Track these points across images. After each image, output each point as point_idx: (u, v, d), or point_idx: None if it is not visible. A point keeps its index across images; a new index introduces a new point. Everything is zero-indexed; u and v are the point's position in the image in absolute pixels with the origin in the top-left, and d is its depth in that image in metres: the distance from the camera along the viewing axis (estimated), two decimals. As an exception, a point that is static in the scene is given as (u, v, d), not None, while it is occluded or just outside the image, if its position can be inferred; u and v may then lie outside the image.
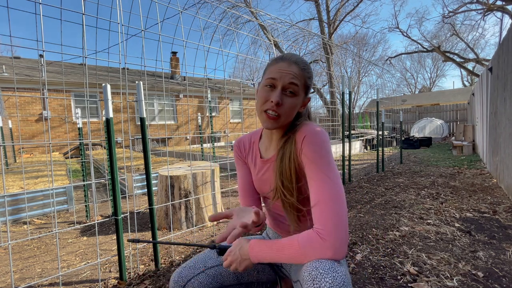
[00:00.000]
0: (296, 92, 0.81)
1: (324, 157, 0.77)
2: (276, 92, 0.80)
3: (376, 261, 1.69)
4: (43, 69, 7.49)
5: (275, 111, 0.80)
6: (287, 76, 0.80)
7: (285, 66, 0.81)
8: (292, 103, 0.81)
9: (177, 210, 2.43)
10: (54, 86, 9.73)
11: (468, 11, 13.35)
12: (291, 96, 0.81)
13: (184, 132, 12.22)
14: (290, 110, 0.82)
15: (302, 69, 0.82)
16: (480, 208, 2.61)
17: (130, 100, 1.86)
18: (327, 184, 0.74)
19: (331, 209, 0.71)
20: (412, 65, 32.25)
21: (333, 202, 0.72)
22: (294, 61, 0.82)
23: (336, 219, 0.70)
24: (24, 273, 1.82)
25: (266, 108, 0.81)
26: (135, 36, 2.35)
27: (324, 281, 0.62)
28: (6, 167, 5.86)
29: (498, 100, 3.50)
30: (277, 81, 0.81)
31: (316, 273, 0.64)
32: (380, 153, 4.93)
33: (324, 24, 14.05)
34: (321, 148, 0.78)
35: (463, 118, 12.03)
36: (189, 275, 0.90)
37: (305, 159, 0.79)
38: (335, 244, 0.68)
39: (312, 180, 0.77)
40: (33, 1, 1.44)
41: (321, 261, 0.67)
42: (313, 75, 0.89)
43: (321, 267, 0.65)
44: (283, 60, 0.83)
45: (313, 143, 0.78)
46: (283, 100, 0.80)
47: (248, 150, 1.03)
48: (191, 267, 0.92)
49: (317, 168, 0.76)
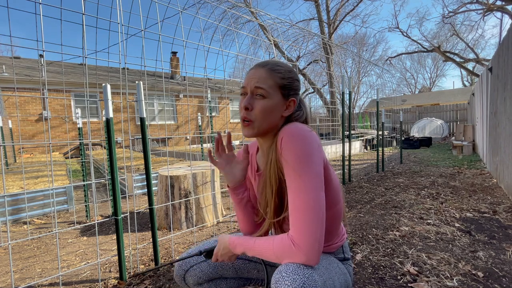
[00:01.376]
0: (265, 94, 0.79)
1: (302, 161, 0.70)
2: (245, 98, 0.81)
3: (376, 261, 1.69)
4: (43, 69, 7.50)
5: (246, 117, 0.80)
6: (253, 81, 0.80)
7: (252, 73, 0.82)
8: (263, 106, 0.79)
9: (177, 210, 2.43)
10: (54, 86, 9.73)
11: (468, 11, 13.35)
12: (261, 99, 0.80)
13: (184, 132, 12.23)
14: (262, 113, 0.79)
15: (271, 70, 0.81)
16: (480, 208, 2.61)
17: (130, 100, 1.86)
18: (302, 191, 0.70)
19: (304, 218, 0.69)
20: (412, 65, 32.28)
21: (306, 211, 0.69)
22: (262, 65, 0.83)
23: (308, 227, 0.68)
24: (24, 273, 1.82)
25: (241, 116, 0.82)
26: (135, 36, 2.35)
27: (284, 283, 0.63)
28: (6, 167, 5.86)
29: (498, 100, 3.50)
30: (246, 88, 0.82)
31: (279, 276, 0.66)
32: (380, 153, 4.93)
33: (324, 24, 14.06)
34: (299, 150, 0.71)
35: (463, 118, 12.03)
36: (192, 261, 0.95)
37: (284, 162, 0.74)
38: (307, 252, 0.67)
39: (288, 186, 0.73)
40: (33, 1, 1.44)
41: (288, 265, 0.67)
42: (291, 75, 0.84)
43: (284, 270, 0.66)
44: (252, 68, 0.85)
45: (291, 144, 0.72)
46: (253, 104, 0.80)
47: (250, 160, 1.01)
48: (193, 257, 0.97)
49: (294, 173, 0.71)
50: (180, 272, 0.95)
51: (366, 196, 3.25)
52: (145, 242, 2.21)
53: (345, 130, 3.96)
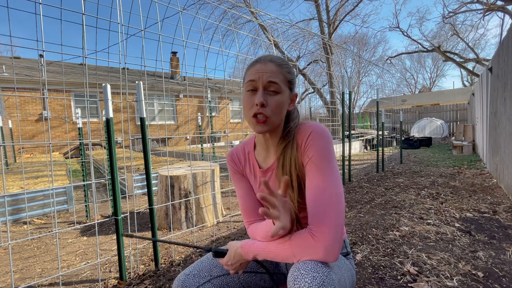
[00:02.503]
0: (278, 89, 0.80)
1: (327, 156, 0.75)
2: (258, 94, 0.79)
3: (376, 261, 1.69)
4: (43, 69, 7.50)
5: (262, 113, 0.78)
6: (265, 75, 0.78)
7: (261, 66, 0.80)
8: (277, 101, 0.80)
9: (177, 210, 2.43)
10: (54, 86, 9.73)
11: (469, 11, 13.35)
12: (275, 94, 0.80)
13: (184, 132, 12.23)
14: (277, 109, 0.80)
15: (279, 64, 0.81)
16: (480, 208, 2.60)
17: (130, 100, 1.86)
18: (326, 186, 0.72)
19: (327, 212, 0.70)
20: (412, 65, 32.29)
21: (329, 205, 0.70)
22: (269, 60, 0.81)
23: (331, 221, 0.69)
24: (24, 273, 1.82)
25: (253, 113, 0.79)
26: (135, 36, 2.35)
27: (303, 281, 0.62)
28: (6, 167, 5.86)
29: (498, 100, 3.50)
30: (256, 82, 0.79)
31: (297, 273, 0.64)
32: (380, 153, 4.93)
33: (324, 24, 14.05)
34: (325, 147, 0.76)
35: (463, 118, 12.03)
36: (193, 284, 0.85)
37: (306, 158, 0.77)
38: (327, 246, 0.67)
39: (310, 179, 0.75)
40: (33, 1, 1.44)
41: (305, 262, 0.66)
42: (293, 70, 0.86)
43: (303, 267, 0.65)
44: (258, 61, 0.82)
45: (319, 141, 0.77)
46: (267, 100, 0.79)
47: (244, 161, 0.98)
48: (195, 275, 0.87)
49: (317, 168, 0.74)
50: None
51: (366, 196, 3.25)
52: (145, 242, 2.21)
53: (345, 130, 3.96)
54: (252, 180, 0.97)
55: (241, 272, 0.85)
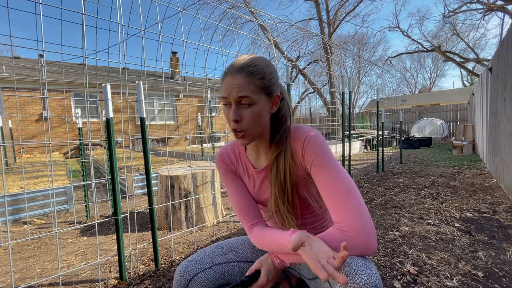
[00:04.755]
0: (250, 101, 0.76)
1: (328, 154, 0.78)
2: (232, 110, 0.77)
3: (376, 261, 1.69)
4: (43, 69, 7.50)
5: (238, 129, 0.78)
6: (234, 91, 0.76)
7: (230, 80, 0.77)
8: (252, 113, 0.77)
9: (177, 210, 2.43)
10: (54, 86, 9.73)
11: (469, 10, 13.35)
12: (248, 107, 0.77)
13: (184, 132, 12.22)
14: (253, 120, 0.78)
15: (249, 73, 0.76)
16: (480, 208, 2.60)
17: (130, 100, 1.86)
18: (336, 179, 0.74)
19: (349, 202, 0.70)
20: (412, 65, 32.26)
21: (349, 195, 0.71)
22: (237, 70, 0.77)
23: (357, 211, 0.69)
24: (24, 273, 1.82)
25: (231, 128, 0.80)
26: (135, 36, 2.35)
27: (359, 277, 0.61)
28: (6, 167, 5.86)
29: (498, 100, 3.50)
30: (228, 99, 0.78)
31: (348, 269, 0.63)
32: (380, 153, 4.93)
33: (324, 24, 14.05)
34: (325, 146, 0.79)
35: (463, 118, 12.03)
36: (195, 269, 0.88)
37: (308, 163, 0.79)
38: (362, 238, 0.67)
39: (320, 180, 0.76)
40: (33, 1, 1.44)
41: (352, 258, 0.66)
42: (269, 71, 0.80)
43: (353, 263, 0.64)
44: (228, 73, 0.78)
45: (316, 142, 0.79)
46: (241, 115, 0.77)
47: (236, 162, 0.97)
48: (197, 261, 0.90)
49: (323, 167, 0.76)
50: (182, 282, 0.86)
51: (366, 196, 3.25)
52: (145, 242, 2.21)
53: (345, 130, 3.96)
54: (246, 180, 0.96)
55: None
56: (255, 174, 0.92)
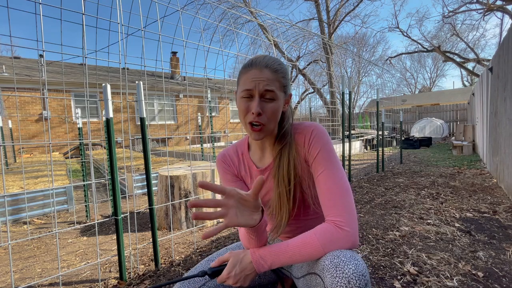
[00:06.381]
0: (274, 96, 0.79)
1: (331, 151, 0.81)
2: (255, 102, 0.78)
3: (376, 261, 1.69)
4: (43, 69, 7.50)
5: (258, 122, 0.78)
6: (262, 84, 0.77)
7: (257, 74, 0.78)
8: (273, 108, 0.80)
9: (177, 210, 2.43)
10: (54, 86, 9.73)
11: (468, 11, 13.35)
12: (271, 102, 0.79)
13: (184, 132, 12.22)
14: (273, 115, 0.80)
15: (275, 71, 0.79)
16: (480, 208, 2.60)
17: (130, 100, 1.86)
18: (335, 176, 0.77)
19: (345, 200, 0.75)
20: (412, 65, 32.24)
21: (345, 194, 0.76)
22: (264, 66, 0.78)
23: (350, 209, 0.74)
24: (24, 273, 1.82)
25: (249, 120, 0.80)
26: (135, 36, 2.35)
27: (347, 267, 0.65)
28: (6, 167, 5.86)
29: (498, 100, 3.50)
30: (253, 91, 0.78)
31: (338, 260, 0.67)
32: (380, 153, 4.93)
33: (324, 24, 14.05)
34: (329, 143, 0.82)
35: (463, 118, 12.03)
36: (196, 284, 0.86)
37: (311, 155, 0.81)
38: (354, 234, 0.72)
39: (320, 173, 0.79)
40: (33, 1, 1.44)
41: (341, 250, 0.70)
42: (287, 71, 0.85)
43: (342, 255, 0.68)
44: (253, 66, 0.79)
45: (322, 137, 0.82)
46: (263, 108, 0.78)
47: (238, 163, 0.97)
48: (190, 281, 0.87)
49: (325, 162, 0.79)
50: None
51: (366, 196, 3.25)
52: (145, 242, 2.21)
53: (345, 130, 3.96)
54: (249, 181, 0.96)
55: (247, 285, 0.75)
56: (258, 173, 0.92)
